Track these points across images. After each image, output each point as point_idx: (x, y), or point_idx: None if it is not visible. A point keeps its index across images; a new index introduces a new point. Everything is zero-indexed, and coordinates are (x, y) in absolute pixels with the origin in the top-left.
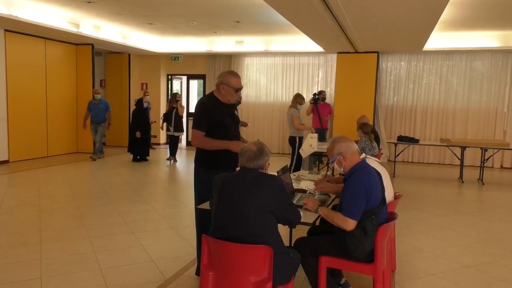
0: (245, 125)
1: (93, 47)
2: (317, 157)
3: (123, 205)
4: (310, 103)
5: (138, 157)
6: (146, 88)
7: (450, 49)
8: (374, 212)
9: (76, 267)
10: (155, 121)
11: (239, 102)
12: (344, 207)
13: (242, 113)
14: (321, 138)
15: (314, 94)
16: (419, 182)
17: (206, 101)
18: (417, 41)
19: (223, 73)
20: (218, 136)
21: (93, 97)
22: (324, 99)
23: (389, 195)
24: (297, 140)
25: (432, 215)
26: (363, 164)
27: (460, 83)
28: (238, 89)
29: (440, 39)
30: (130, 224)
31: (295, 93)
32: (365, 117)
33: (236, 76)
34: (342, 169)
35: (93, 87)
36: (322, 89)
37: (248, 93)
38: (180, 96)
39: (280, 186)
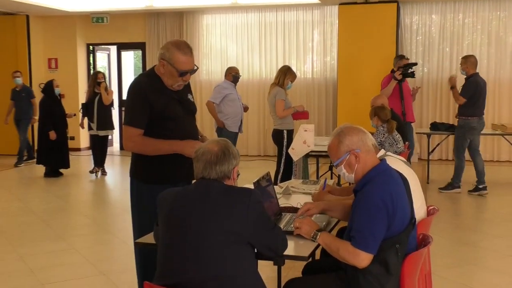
0: (247, 109)
1: None
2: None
3: (26, 245)
4: (395, 79)
5: (57, 170)
6: (56, 66)
7: None
8: (400, 239)
9: None
10: (74, 114)
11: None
12: (354, 234)
13: (202, 97)
14: (402, 136)
15: (407, 64)
16: (464, 189)
17: (144, 82)
18: None
19: (168, 43)
20: (163, 134)
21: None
22: (413, 75)
23: (419, 210)
24: (285, 135)
25: (486, 237)
26: (382, 168)
27: None
28: (184, 72)
29: None
30: (37, 273)
31: (282, 66)
32: (382, 97)
33: (186, 51)
34: (352, 175)
35: None
36: (316, 57)
37: (211, 68)
38: (104, 76)
39: (258, 203)
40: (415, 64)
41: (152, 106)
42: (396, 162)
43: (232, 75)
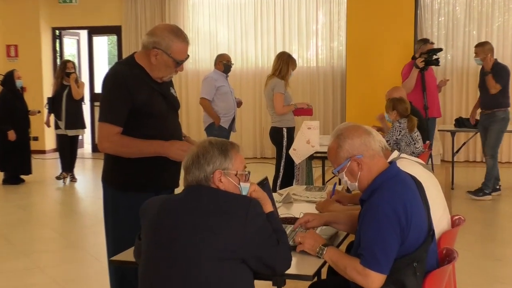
0: (240, 104)
1: None
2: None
3: None
4: (417, 67)
5: (18, 176)
6: (16, 54)
7: None
8: (417, 256)
9: None
10: (39, 111)
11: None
12: (363, 251)
13: (188, 90)
14: (423, 135)
15: (430, 50)
16: (495, 196)
17: (124, 72)
18: None
19: (160, 29)
20: (145, 133)
21: None
22: (438, 62)
23: (441, 220)
24: (285, 133)
25: None
26: (391, 173)
27: None
28: (181, 61)
29: None
30: None
31: (280, 53)
32: (401, 89)
33: (184, 37)
34: (356, 184)
35: None
36: (321, 42)
37: (198, 56)
38: (75, 65)
39: (257, 216)
40: (440, 49)
41: (133, 100)
42: (411, 165)
43: (223, 63)
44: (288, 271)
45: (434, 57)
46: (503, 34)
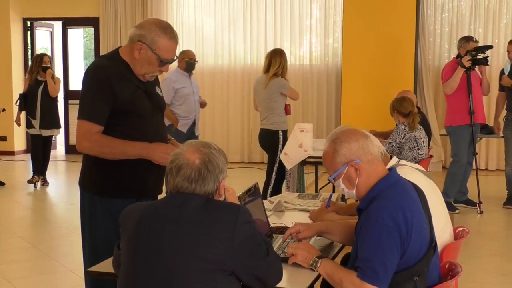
0: (204, 105)
1: None
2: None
3: None
4: (463, 66)
5: None
6: None
7: None
8: (419, 269)
9: None
10: (4, 109)
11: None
12: (361, 264)
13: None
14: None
15: (478, 47)
16: (502, 207)
17: (107, 67)
18: None
19: (149, 22)
20: (127, 134)
21: None
22: (487, 61)
23: (443, 231)
24: (280, 136)
25: None
26: (391, 180)
27: None
28: (167, 61)
29: None
30: None
31: (278, 50)
32: (410, 93)
33: (172, 35)
34: (354, 192)
35: None
36: (315, 38)
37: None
38: (51, 60)
39: (247, 224)
40: (490, 47)
41: (116, 98)
42: (411, 172)
43: (186, 61)
44: (279, 285)
45: (482, 55)
46: (511, 32)
